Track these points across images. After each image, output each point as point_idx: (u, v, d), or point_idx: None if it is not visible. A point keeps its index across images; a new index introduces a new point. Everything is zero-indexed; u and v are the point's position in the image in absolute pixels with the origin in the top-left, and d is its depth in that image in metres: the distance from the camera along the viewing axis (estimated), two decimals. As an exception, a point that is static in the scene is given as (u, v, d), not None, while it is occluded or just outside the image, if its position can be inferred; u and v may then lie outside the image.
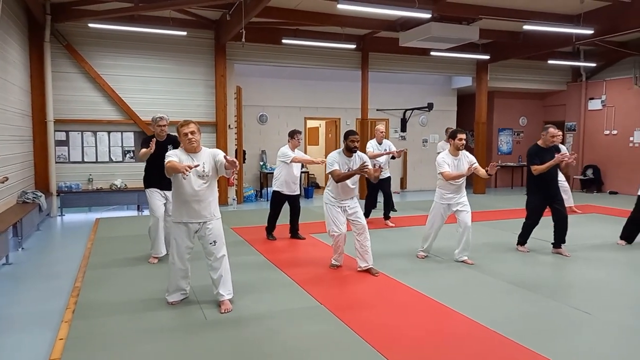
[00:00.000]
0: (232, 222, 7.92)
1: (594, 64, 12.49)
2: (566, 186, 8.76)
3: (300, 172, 6.90)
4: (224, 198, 10.10)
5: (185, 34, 9.12)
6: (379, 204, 8.07)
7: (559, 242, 5.85)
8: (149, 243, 5.60)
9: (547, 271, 5.29)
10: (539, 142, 5.79)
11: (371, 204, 7.94)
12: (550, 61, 11.86)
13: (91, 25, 8.53)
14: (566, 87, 13.74)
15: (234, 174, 3.88)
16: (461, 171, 5.33)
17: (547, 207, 5.82)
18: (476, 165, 5.36)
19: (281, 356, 3.18)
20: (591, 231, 7.33)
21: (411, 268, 5.28)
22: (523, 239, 6.07)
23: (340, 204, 5.02)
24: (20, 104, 7.84)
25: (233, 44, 9.99)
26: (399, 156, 7.91)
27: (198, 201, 3.89)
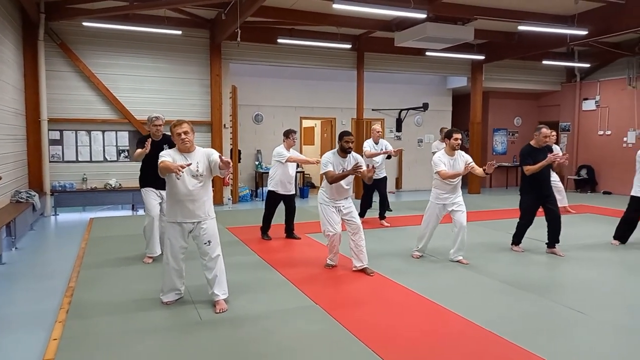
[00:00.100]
0: (227, 221, 7.91)
1: (588, 65, 12.54)
2: (560, 186, 8.80)
3: (295, 172, 6.90)
4: (219, 198, 10.08)
5: (180, 33, 9.10)
6: (374, 204, 8.08)
7: (553, 242, 5.87)
8: (143, 243, 5.59)
9: (541, 271, 5.31)
10: (532, 143, 5.82)
11: (366, 204, 7.95)
12: (545, 61, 11.89)
13: (85, 24, 8.48)
14: (560, 87, 13.80)
15: (228, 174, 3.85)
16: (457, 170, 5.35)
17: (541, 207, 5.85)
18: (472, 164, 5.38)
19: (276, 356, 3.18)
20: (585, 231, 7.37)
21: (406, 268, 5.29)
22: (517, 239, 6.09)
23: (335, 204, 5.03)
24: (13, 102, 7.79)
25: (228, 44, 9.97)
26: (395, 155, 7.93)
27: (192, 201, 3.88)
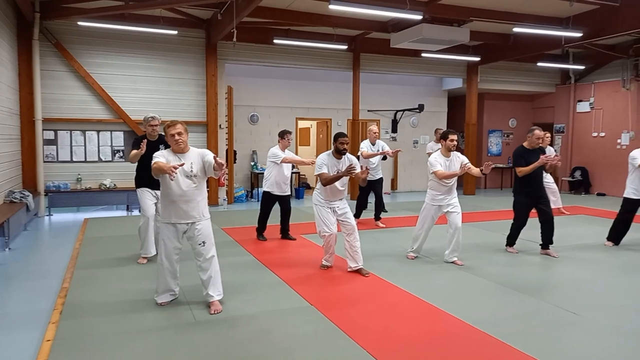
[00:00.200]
0: (222, 222, 7.90)
1: (582, 67, 12.61)
2: (554, 188, 8.84)
3: (290, 173, 6.90)
4: (214, 198, 10.07)
5: (175, 33, 9.09)
6: (370, 205, 8.08)
7: (547, 243, 5.90)
8: (138, 243, 5.57)
9: (535, 272, 5.33)
10: (525, 144, 5.85)
11: (362, 205, 7.96)
12: (540, 63, 11.94)
13: (81, 24, 8.46)
14: (555, 89, 13.86)
15: (222, 175, 3.85)
16: (454, 171, 5.37)
17: (534, 208, 5.87)
18: (469, 164, 5.39)
19: (271, 357, 3.18)
20: (579, 232, 7.41)
21: (401, 269, 5.30)
22: (512, 240, 6.12)
23: (330, 205, 5.03)
24: (8, 102, 7.75)
25: (224, 44, 9.97)
26: (393, 156, 7.93)
27: (186, 201, 3.87)
